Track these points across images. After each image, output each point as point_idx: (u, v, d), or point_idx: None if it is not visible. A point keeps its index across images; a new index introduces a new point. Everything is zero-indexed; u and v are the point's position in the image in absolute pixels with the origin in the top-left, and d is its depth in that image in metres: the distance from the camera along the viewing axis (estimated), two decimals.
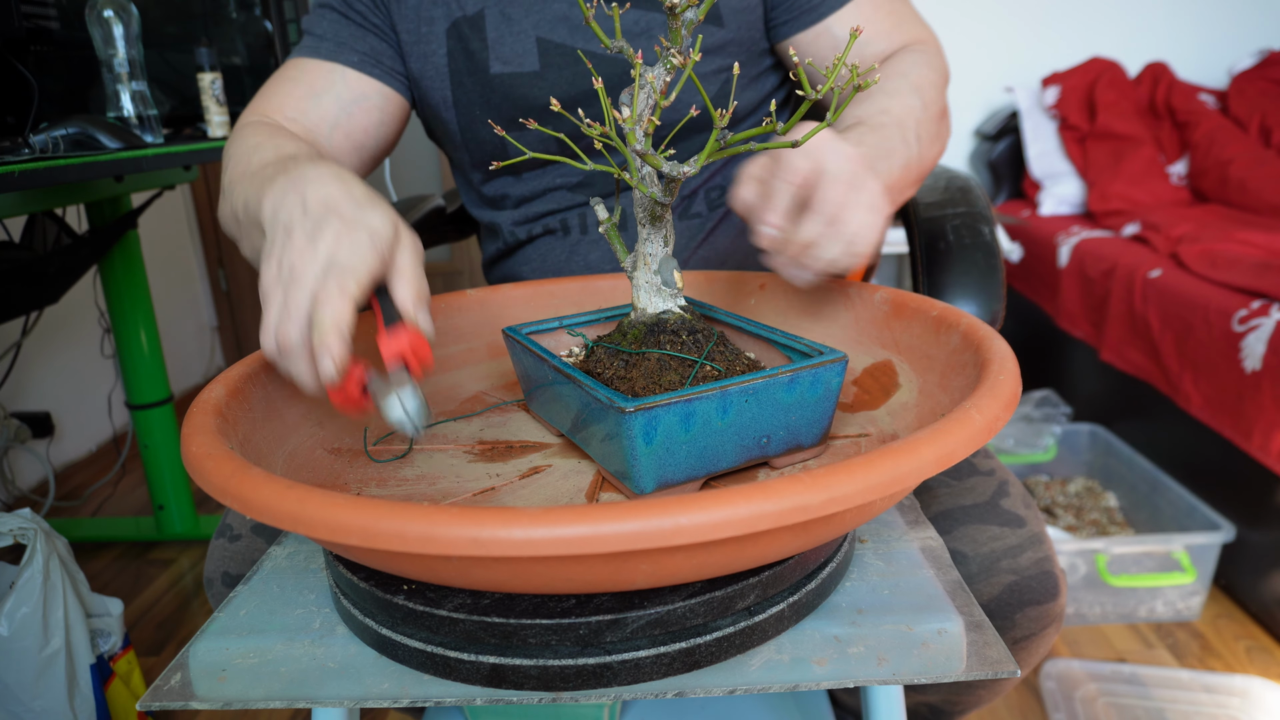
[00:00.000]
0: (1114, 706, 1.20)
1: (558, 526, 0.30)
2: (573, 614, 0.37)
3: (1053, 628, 0.67)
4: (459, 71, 0.78)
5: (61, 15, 1.23)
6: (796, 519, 0.31)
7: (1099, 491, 1.70)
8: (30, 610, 0.96)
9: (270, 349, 0.46)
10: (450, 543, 0.30)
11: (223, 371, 0.50)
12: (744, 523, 0.30)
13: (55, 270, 1.44)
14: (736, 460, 0.46)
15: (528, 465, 0.51)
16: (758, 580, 0.39)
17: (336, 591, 0.44)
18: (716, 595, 0.38)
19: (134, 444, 2.19)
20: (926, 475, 0.34)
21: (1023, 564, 0.64)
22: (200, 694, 0.40)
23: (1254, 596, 1.40)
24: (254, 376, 0.50)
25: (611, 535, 0.30)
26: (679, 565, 0.34)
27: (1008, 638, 0.65)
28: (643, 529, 0.30)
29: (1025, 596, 0.64)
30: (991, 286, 0.77)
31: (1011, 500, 0.68)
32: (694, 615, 0.38)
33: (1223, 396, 1.40)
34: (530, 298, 0.70)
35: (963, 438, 0.36)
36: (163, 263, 2.54)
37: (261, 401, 0.50)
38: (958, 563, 0.64)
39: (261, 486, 0.35)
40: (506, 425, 0.58)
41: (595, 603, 0.38)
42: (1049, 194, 2.24)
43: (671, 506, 0.30)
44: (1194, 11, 2.39)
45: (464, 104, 0.79)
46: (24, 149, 1.06)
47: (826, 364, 0.46)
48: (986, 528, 0.65)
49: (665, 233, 0.50)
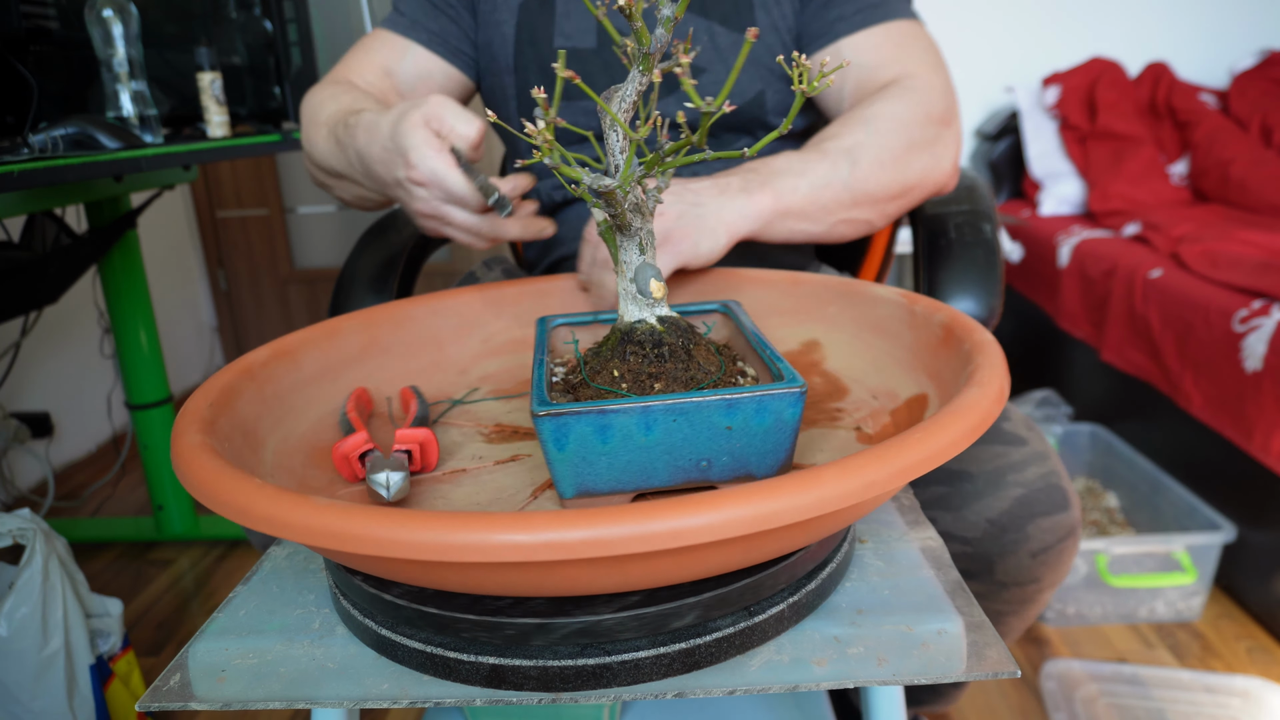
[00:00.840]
0: (1115, 707, 1.20)
1: (418, 530, 0.31)
2: (573, 614, 0.37)
3: (1070, 540, 0.69)
4: (523, 41, 0.85)
5: (61, 15, 1.22)
6: (627, 549, 0.31)
7: (1099, 491, 1.70)
8: (29, 611, 0.96)
9: (430, 227, 0.66)
10: (357, 540, 0.32)
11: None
12: (582, 546, 0.31)
13: (55, 270, 1.44)
14: (671, 480, 0.43)
15: (511, 452, 0.52)
16: (757, 580, 0.39)
17: (336, 592, 0.44)
18: (717, 595, 0.38)
19: (133, 444, 2.19)
20: (799, 516, 0.33)
21: (1029, 478, 0.66)
22: (200, 694, 0.40)
23: (1255, 597, 1.40)
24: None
25: (434, 544, 0.31)
26: (533, 579, 0.35)
27: (1024, 550, 0.67)
28: (450, 541, 0.31)
29: (1035, 508, 0.66)
30: (989, 284, 0.77)
31: (1013, 424, 0.71)
32: (694, 615, 0.38)
33: (1223, 396, 1.40)
34: None
35: (882, 473, 0.34)
36: (163, 263, 2.54)
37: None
38: (963, 482, 0.67)
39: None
40: (527, 410, 0.59)
41: (596, 602, 0.38)
42: (1049, 194, 2.24)
43: (508, 521, 0.31)
44: (1195, 11, 2.39)
45: (523, 69, 0.85)
46: (23, 149, 1.06)
47: (775, 393, 0.42)
48: (989, 446, 0.68)
49: (640, 240, 0.49)
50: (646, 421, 0.41)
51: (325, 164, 0.78)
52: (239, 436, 0.47)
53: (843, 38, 0.80)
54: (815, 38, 0.81)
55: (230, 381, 0.49)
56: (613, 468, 0.42)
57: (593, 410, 0.40)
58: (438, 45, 0.87)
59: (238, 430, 0.47)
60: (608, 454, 0.42)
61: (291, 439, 0.51)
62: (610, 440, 0.41)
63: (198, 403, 0.45)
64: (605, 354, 0.49)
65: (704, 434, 0.42)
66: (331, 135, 0.74)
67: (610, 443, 0.41)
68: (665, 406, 0.41)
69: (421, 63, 0.87)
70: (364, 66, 0.86)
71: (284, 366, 0.54)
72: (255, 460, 0.47)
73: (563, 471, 0.42)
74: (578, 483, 0.42)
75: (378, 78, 0.86)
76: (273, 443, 0.50)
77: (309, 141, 0.80)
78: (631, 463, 0.42)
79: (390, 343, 0.62)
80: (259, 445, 0.49)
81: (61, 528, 1.80)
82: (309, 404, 0.55)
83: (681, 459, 0.43)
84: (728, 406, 0.41)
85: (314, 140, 0.78)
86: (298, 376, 0.55)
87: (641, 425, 0.41)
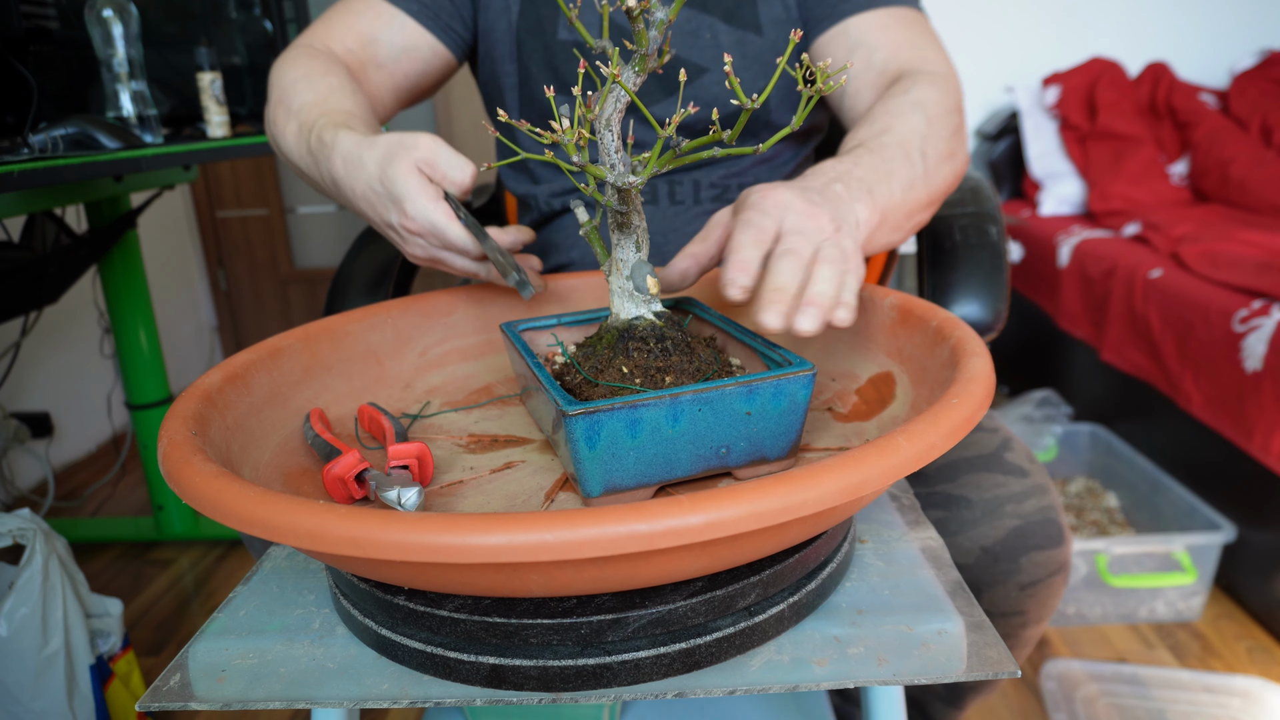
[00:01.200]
0: (1115, 707, 1.20)
1: (427, 533, 0.31)
2: (573, 614, 0.37)
3: (1059, 576, 0.68)
4: (526, 30, 0.81)
5: (61, 15, 1.22)
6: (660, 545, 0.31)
7: (1099, 491, 1.70)
8: (29, 611, 0.96)
9: (422, 260, 0.63)
10: (336, 541, 0.32)
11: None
12: (612, 543, 0.31)
13: (55, 270, 1.44)
14: (693, 469, 0.45)
15: (504, 460, 0.52)
16: (758, 580, 0.39)
17: (336, 592, 0.44)
18: (717, 595, 0.38)
19: (133, 444, 2.19)
20: (830, 504, 0.33)
21: (1027, 510, 0.66)
22: (200, 694, 0.40)
23: (1255, 597, 1.40)
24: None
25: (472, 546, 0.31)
26: (570, 578, 0.35)
27: (1014, 583, 0.66)
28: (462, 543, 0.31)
29: (1030, 541, 0.65)
30: (995, 287, 0.77)
31: (1015, 455, 0.70)
32: (694, 615, 0.38)
33: (1223, 396, 1.40)
34: (570, 290, 0.70)
35: (883, 467, 0.34)
36: (163, 263, 2.54)
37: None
38: (961, 508, 0.66)
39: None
40: (501, 419, 0.58)
41: (596, 603, 0.38)
42: (1049, 194, 2.24)
43: (544, 521, 0.31)
44: (1194, 11, 2.39)
45: (525, 60, 0.82)
46: (23, 149, 1.06)
47: (790, 376, 0.44)
48: (990, 475, 0.67)
49: (636, 238, 0.50)
50: (674, 413, 0.42)
51: (292, 162, 0.73)
52: (221, 462, 0.44)
53: (849, 17, 0.77)
54: (820, 20, 0.78)
55: (194, 409, 0.46)
56: (640, 461, 0.43)
57: (624, 406, 0.41)
58: (428, 19, 0.82)
59: (219, 456, 0.44)
60: (636, 448, 0.43)
61: (261, 467, 0.49)
62: (639, 435, 0.42)
63: (177, 430, 0.43)
64: (603, 352, 0.49)
65: (725, 421, 0.44)
66: (302, 139, 0.69)
67: (639, 437, 0.42)
68: (692, 397, 0.42)
69: (409, 35, 0.82)
70: (345, 31, 0.81)
71: (236, 392, 0.51)
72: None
73: (592, 470, 0.42)
74: (606, 480, 0.43)
75: (358, 45, 0.81)
76: (246, 471, 0.47)
77: (277, 124, 0.73)
78: (658, 455, 0.43)
79: (332, 361, 0.60)
80: (238, 471, 0.46)
81: (61, 528, 1.80)
82: (266, 430, 0.52)
83: (704, 448, 0.44)
84: (748, 393, 0.43)
85: (282, 129, 0.72)
86: (250, 401, 0.52)
87: (669, 417, 0.42)
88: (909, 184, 0.62)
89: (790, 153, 0.86)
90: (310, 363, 0.58)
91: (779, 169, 0.86)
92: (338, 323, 0.61)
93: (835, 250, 0.49)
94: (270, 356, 0.55)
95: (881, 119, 0.67)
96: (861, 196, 0.57)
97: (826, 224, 0.51)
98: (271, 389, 0.54)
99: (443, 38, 0.83)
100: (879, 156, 0.62)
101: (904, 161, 0.63)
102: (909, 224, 0.64)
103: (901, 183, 0.62)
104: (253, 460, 0.48)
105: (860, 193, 0.57)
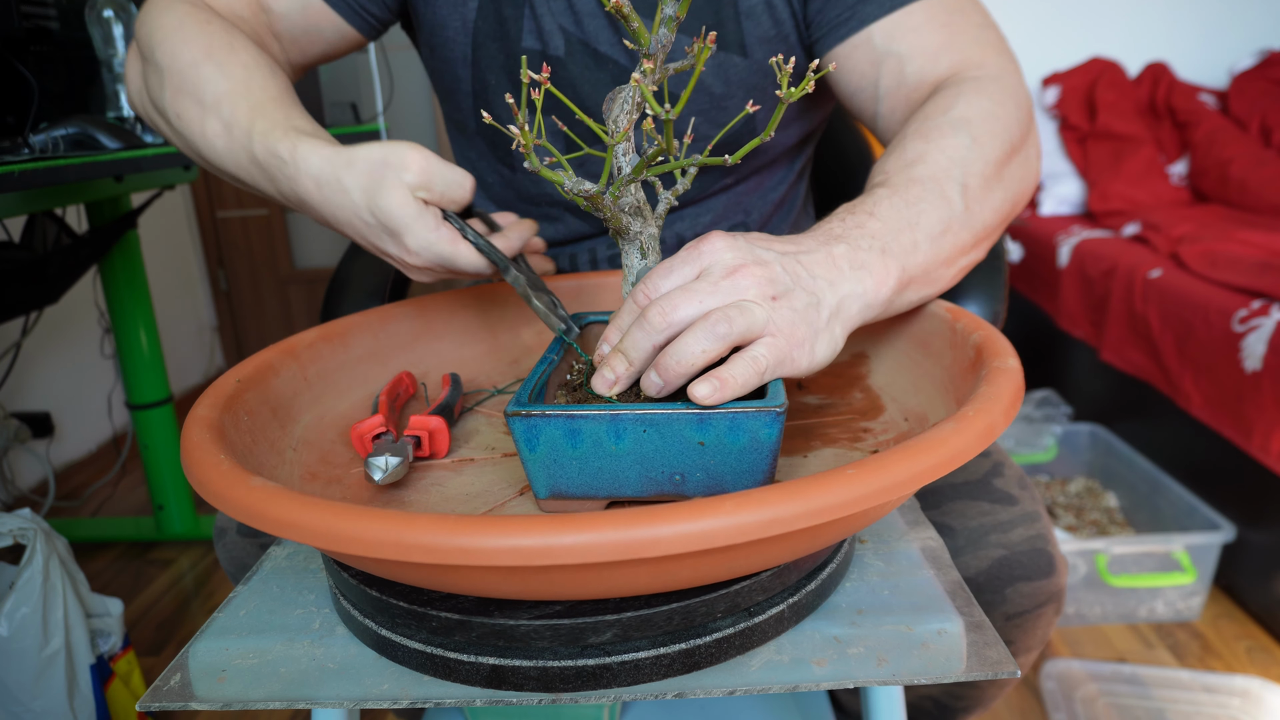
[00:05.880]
0: (1114, 707, 1.20)
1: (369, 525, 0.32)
2: (573, 614, 0.37)
3: (1049, 606, 0.65)
4: (483, 33, 0.73)
5: (61, 15, 1.22)
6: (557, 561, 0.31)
7: (1099, 491, 1.70)
8: (30, 610, 0.96)
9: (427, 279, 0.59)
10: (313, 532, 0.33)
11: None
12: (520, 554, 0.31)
13: (55, 270, 1.44)
14: (643, 490, 0.43)
15: (504, 449, 0.53)
16: (758, 580, 0.39)
17: (336, 592, 0.44)
18: (717, 595, 0.38)
19: (134, 444, 2.19)
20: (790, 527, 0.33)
21: (1013, 539, 0.63)
22: (200, 694, 0.40)
23: (1254, 597, 1.40)
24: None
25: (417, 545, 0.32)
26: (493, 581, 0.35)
27: (999, 613, 0.64)
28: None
29: (1015, 572, 0.63)
30: (993, 288, 0.77)
31: (1005, 480, 0.67)
32: (694, 616, 0.38)
33: (1223, 396, 1.40)
34: (597, 288, 0.70)
35: (875, 486, 0.34)
36: (163, 263, 2.54)
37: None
38: (944, 536, 0.63)
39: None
40: None
41: (596, 603, 0.38)
42: (1049, 194, 2.24)
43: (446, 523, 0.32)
44: (1194, 11, 2.39)
45: (481, 68, 0.74)
46: (24, 149, 1.06)
47: (749, 411, 0.40)
48: (976, 504, 0.65)
49: (640, 245, 0.49)
50: (616, 429, 0.41)
51: (218, 166, 0.63)
52: (267, 411, 0.49)
53: (872, 22, 0.65)
54: (835, 27, 0.67)
55: (270, 359, 0.52)
56: (584, 473, 0.42)
57: (561, 415, 0.41)
58: (339, 3, 0.73)
59: (267, 405, 0.50)
60: (579, 459, 0.42)
61: (328, 416, 0.55)
62: (581, 445, 0.42)
63: (226, 382, 0.48)
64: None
65: (675, 447, 0.41)
66: (237, 145, 0.59)
67: (581, 448, 0.42)
68: (635, 416, 0.41)
69: (313, 15, 0.73)
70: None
71: (331, 347, 0.57)
72: (280, 435, 0.49)
73: (535, 472, 0.43)
74: (550, 484, 0.43)
75: (249, 11, 0.71)
76: (307, 419, 0.53)
77: (185, 119, 0.62)
78: (603, 470, 0.42)
79: (444, 330, 0.64)
80: (290, 421, 0.52)
81: (62, 528, 1.80)
82: (353, 384, 0.58)
83: (654, 470, 0.42)
84: (699, 421, 0.40)
85: (198, 127, 0.62)
86: (345, 357, 0.58)
87: (611, 433, 0.41)
88: (943, 228, 0.52)
89: (784, 170, 0.82)
90: (422, 329, 0.63)
91: (774, 189, 0.82)
92: (457, 296, 0.65)
93: (735, 320, 0.42)
94: (380, 320, 0.61)
95: (914, 145, 0.56)
96: (869, 262, 0.48)
97: (749, 288, 0.43)
98: (373, 348, 0.60)
99: (353, 21, 0.74)
100: (903, 198, 0.52)
101: (937, 200, 0.53)
102: (948, 272, 0.54)
103: (930, 230, 0.52)
104: (321, 409, 0.54)
105: (870, 255, 0.48)
